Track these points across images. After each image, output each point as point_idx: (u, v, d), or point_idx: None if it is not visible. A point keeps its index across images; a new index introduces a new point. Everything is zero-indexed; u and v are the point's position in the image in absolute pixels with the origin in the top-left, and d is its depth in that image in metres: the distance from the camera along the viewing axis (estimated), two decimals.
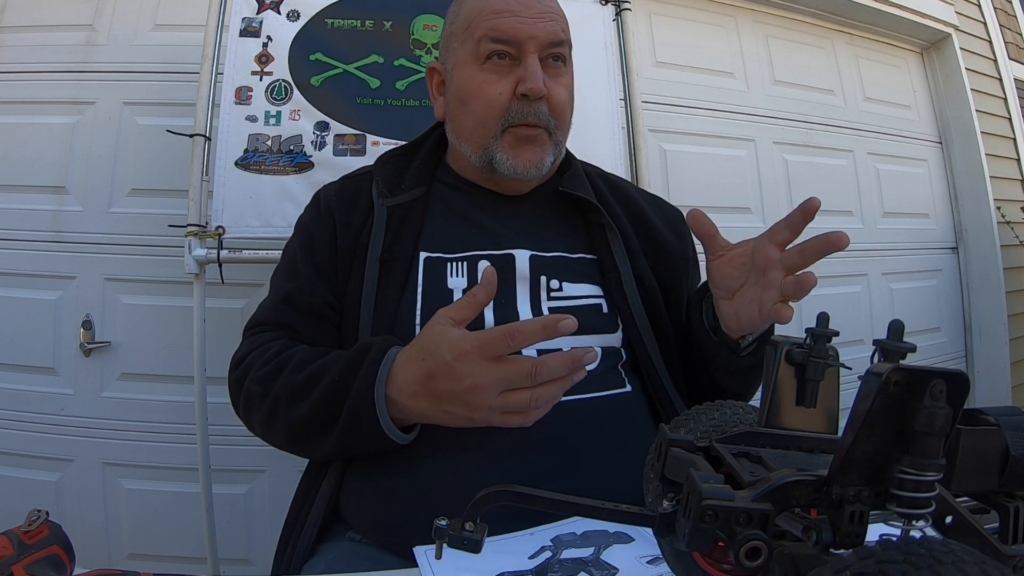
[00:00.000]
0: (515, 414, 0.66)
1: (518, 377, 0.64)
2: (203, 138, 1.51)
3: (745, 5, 2.55)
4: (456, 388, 0.65)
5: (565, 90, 0.89)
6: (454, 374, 0.65)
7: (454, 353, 0.65)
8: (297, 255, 0.91)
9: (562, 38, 0.88)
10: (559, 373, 0.64)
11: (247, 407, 0.82)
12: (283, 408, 0.77)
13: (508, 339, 0.64)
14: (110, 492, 1.82)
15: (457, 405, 0.67)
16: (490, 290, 0.70)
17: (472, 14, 0.88)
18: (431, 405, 0.69)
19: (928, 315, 2.82)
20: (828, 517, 0.35)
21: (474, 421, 0.67)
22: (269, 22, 1.55)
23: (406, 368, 0.70)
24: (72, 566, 0.53)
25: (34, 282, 1.83)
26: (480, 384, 0.64)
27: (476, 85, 0.86)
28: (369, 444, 0.74)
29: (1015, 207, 2.90)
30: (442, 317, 0.69)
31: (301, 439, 0.79)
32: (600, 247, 0.90)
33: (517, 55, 0.85)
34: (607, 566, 0.57)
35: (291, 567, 0.79)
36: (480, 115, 0.87)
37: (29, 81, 1.88)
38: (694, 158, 2.33)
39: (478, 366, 0.64)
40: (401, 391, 0.70)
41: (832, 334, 0.47)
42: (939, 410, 0.32)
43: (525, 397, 0.65)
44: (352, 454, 0.79)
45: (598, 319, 0.86)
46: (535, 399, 0.65)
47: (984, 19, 3.04)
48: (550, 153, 0.89)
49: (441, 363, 0.66)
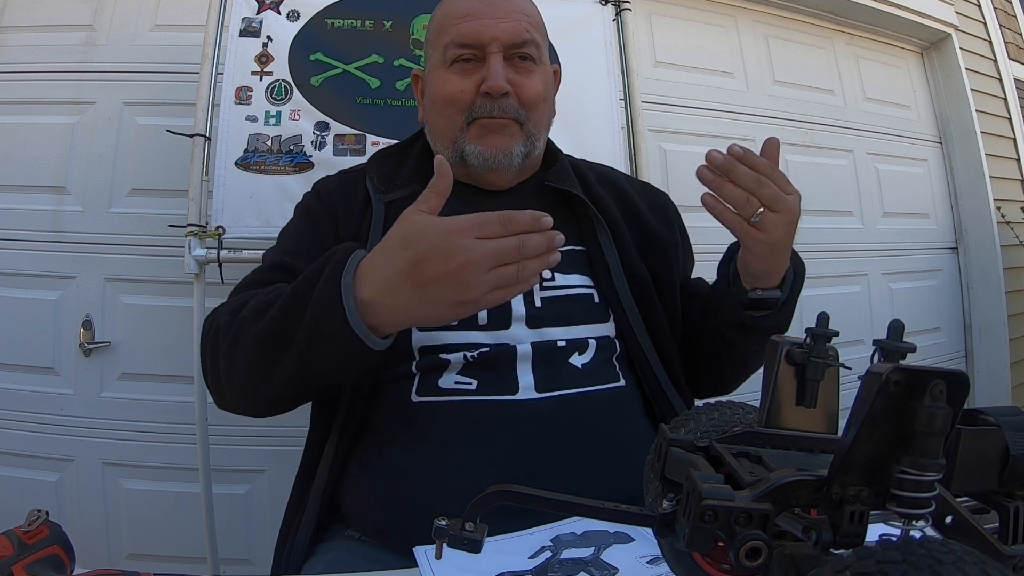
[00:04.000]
0: (500, 289, 0.66)
1: (508, 250, 0.64)
2: (203, 138, 1.51)
3: (745, 5, 2.55)
4: (447, 268, 0.64)
5: (538, 83, 0.90)
6: (445, 253, 0.64)
7: (447, 232, 0.64)
8: (298, 233, 0.92)
9: (526, 37, 0.89)
10: (540, 249, 0.65)
11: (214, 345, 0.79)
12: (247, 326, 0.75)
13: (504, 221, 0.64)
14: (110, 492, 1.81)
15: (448, 287, 0.65)
16: (448, 176, 0.69)
17: (441, 20, 0.91)
18: (416, 294, 0.66)
19: (928, 315, 2.82)
20: (828, 517, 0.35)
21: (463, 304, 0.66)
22: (269, 22, 1.55)
23: (383, 263, 0.68)
24: (72, 566, 0.53)
25: (34, 282, 1.83)
26: (473, 259, 0.63)
27: (441, 85, 0.89)
28: (337, 350, 0.70)
29: (1015, 207, 2.90)
30: (414, 209, 0.68)
31: (261, 358, 0.74)
32: (588, 239, 0.91)
33: (482, 57, 0.88)
34: (607, 566, 0.57)
35: (290, 566, 0.79)
36: (445, 112, 0.89)
37: (29, 81, 1.88)
38: (694, 158, 2.27)
39: (471, 242, 0.64)
40: (377, 289, 0.68)
41: (832, 334, 0.47)
42: (939, 410, 0.32)
43: (514, 270, 0.65)
44: (319, 375, 0.74)
45: (589, 309, 0.87)
46: (521, 270, 0.65)
47: (984, 19, 3.04)
48: (521, 143, 0.90)
49: (431, 245, 0.64)
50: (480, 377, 0.80)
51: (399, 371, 0.82)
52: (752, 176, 0.72)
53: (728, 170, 0.72)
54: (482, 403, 0.79)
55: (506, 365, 0.81)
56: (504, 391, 0.79)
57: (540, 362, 0.82)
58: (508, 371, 0.81)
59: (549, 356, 0.82)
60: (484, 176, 0.91)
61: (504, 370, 0.81)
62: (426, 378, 0.81)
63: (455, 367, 0.81)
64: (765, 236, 0.74)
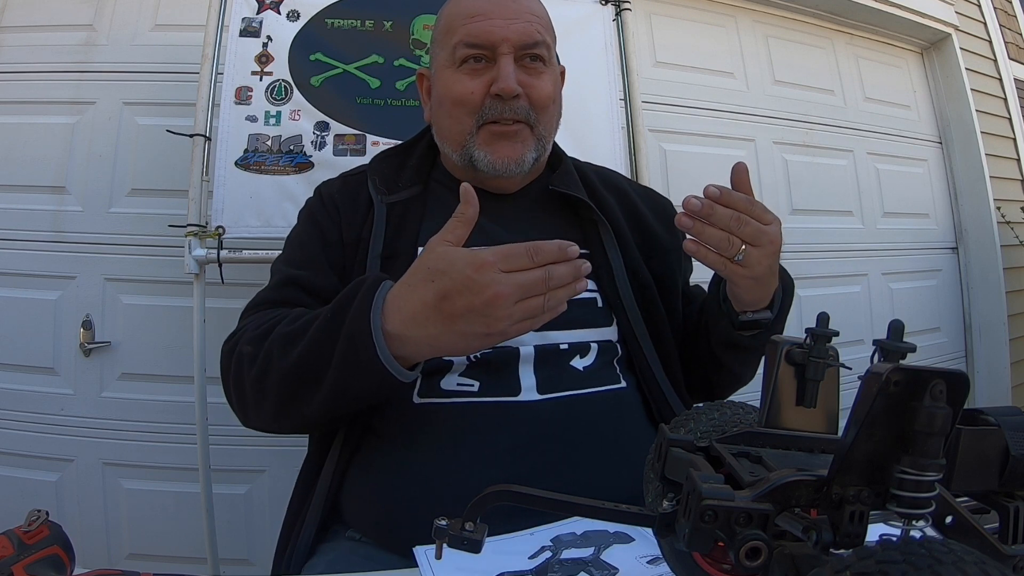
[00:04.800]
0: (526, 321, 0.66)
1: (535, 283, 0.65)
2: (203, 138, 1.51)
3: (745, 5, 2.55)
4: (475, 302, 0.64)
5: (548, 84, 0.90)
6: (473, 287, 0.64)
7: (474, 266, 0.64)
8: (305, 242, 0.91)
9: (537, 39, 0.88)
10: (567, 279, 0.66)
11: (238, 373, 0.78)
12: (275, 359, 0.74)
13: (531, 253, 0.65)
14: (110, 492, 1.81)
15: (474, 321, 0.65)
16: (474, 204, 0.69)
17: (450, 19, 0.90)
18: (443, 328, 0.66)
19: (928, 315, 2.82)
20: (828, 517, 0.35)
21: (489, 336, 0.66)
22: (269, 22, 1.55)
23: (409, 296, 0.68)
24: (72, 566, 0.53)
25: (34, 282, 1.83)
26: (502, 293, 0.64)
27: (450, 86, 0.88)
28: (368, 383, 0.71)
29: (1015, 207, 2.90)
30: (440, 240, 0.68)
31: (294, 393, 0.74)
32: (593, 243, 0.91)
33: (492, 57, 0.87)
34: (607, 566, 0.57)
35: (291, 567, 0.79)
36: (454, 113, 0.88)
37: (29, 81, 1.88)
38: (694, 158, 2.33)
39: (498, 276, 0.64)
40: (404, 321, 0.68)
41: (832, 334, 0.47)
42: (939, 410, 0.32)
43: (540, 302, 0.65)
44: (349, 404, 0.76)
45: (593, 313, 0.87)
46: (547, 301, 0.66)
47: (984, 19, 3.04)
48: (532, 149, 0.89)
49: (459, 279, 0.65)
50: (482, 379, 0.80)
51: None
52: (731, 216, 0.71)
53: (707, 214, 0.71)
54: (483, 404, 0.79)
55: (508, 367, 0.81)
56: (506, 392, 0.79)
57: (542, 364, 0.82)
58: (510, 373, 0.81)
59: (551, 358, 0.82)
60: (492, 180, 0.91)
61: (506, 372, 0.81)
62: (428, 380, 0.81)
63: (458, 369, 0.81)
64: (749, 271, 0.73)
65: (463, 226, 0.69)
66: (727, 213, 0.71)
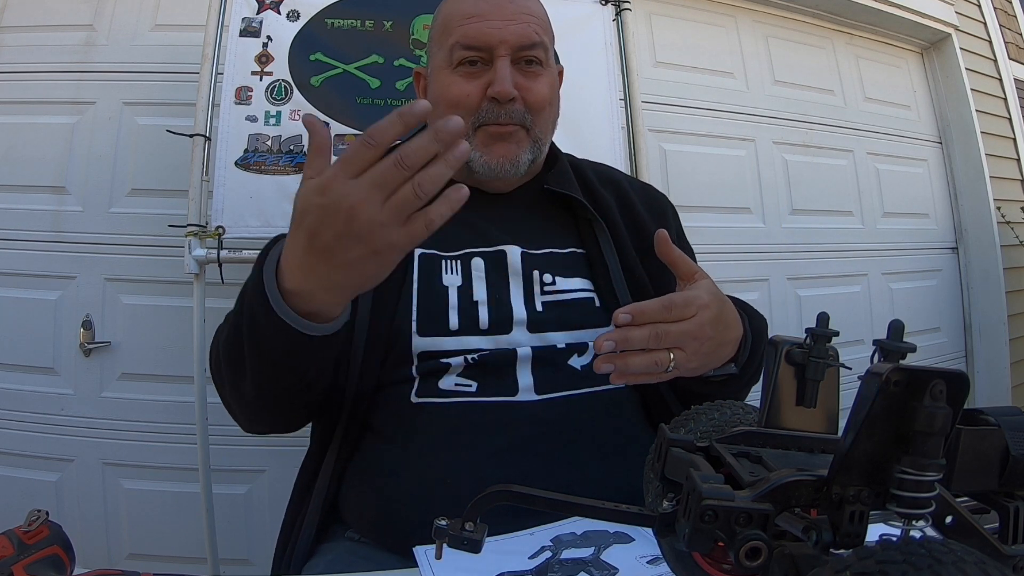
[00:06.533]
0: (416, 222, 0.58)
1: (387, 172, 0.56)
2: (203, 138, 1.51)
3: (745, 5, 2.55)
4: (337, 225, 0.58)
5: (545, 87, 0.89)
6: (328, 211, 0.58)
7: (319, 190, 0.58)
8: None
9: (535, 40, 0.87)
10: (429, 148, 0.57)
11: (217, 379, 0.80)
12: (221, 350, 0.77)
13: (366, 140, 0.57)
14: (110, 492, 1.81)
15: (350, 245, 0.59)
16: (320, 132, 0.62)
17: (447, 19, 0.89)
18: (328, 266, 0.61)
19: (928, 315, 2.82)
20: (828, 517, 0.35)
21: (378, 254, 0.60)
22: (269, 22, 1.55)
23: (291, 249, 0.63)
24: (72, 566, 0.53)
25: (34, 282, 1.83)
26: (356, 203, 0.56)
27: (446, 88, 0.87)
28: (278, 342, 0.67)
29: (1015, 207, 2.90)
30: (303, 181, 0.62)
31: (237, 372, 0.73)
32: (588, 242, 0.91)
33: (489, 60, 0.86)
34: (607, 566, 0.57)
35: (291, 567, 0.79)
36: (450, 115, 0.87)
37: (29, 81, 1.88)
38: (694, 158, 2.33)
39: (346, 186, 0.57)
40: (295, 275, 0.64)
41: (832, 334, 0.47)
42: (939, 410, 0.32)
43: (408, 190, 0.57)
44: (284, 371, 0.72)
45: (590, 313, 0.87)
46: (419, 187, 0.57)
47: (984, 19, 3.04)
48: (527, 150, 0.89)
49: (313, 211, 0.59)
50: (480, 379, 0.80)
51: (399, 374, 0.82)
52: (647, 335, 0.66)
53: (624, 345, 0.66)
54: (481, 404, 0.79)
55: (506, 367, 0.81)
56: (504, 392, 0.79)
57: (540, 364, 0.82)
58: (508, 373, 0.81)
59: (549, 358, 0.82)
60: (488, 181, 0.91)
61: (504, 372, 0.81)
62: (426, 380, 0.81)
63: (455, 369, 0.81)
64: (687, 370, 0.70)
65: (318, 156, 0.61)
66: (643, 335, 0.66)
